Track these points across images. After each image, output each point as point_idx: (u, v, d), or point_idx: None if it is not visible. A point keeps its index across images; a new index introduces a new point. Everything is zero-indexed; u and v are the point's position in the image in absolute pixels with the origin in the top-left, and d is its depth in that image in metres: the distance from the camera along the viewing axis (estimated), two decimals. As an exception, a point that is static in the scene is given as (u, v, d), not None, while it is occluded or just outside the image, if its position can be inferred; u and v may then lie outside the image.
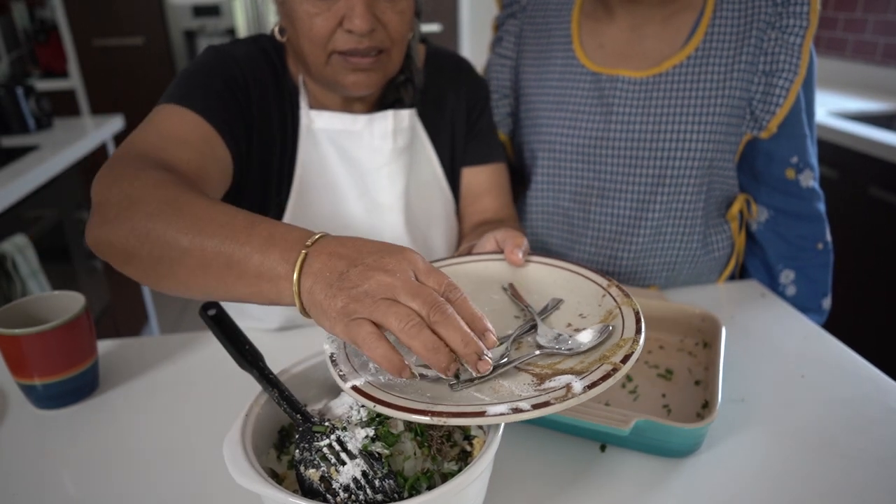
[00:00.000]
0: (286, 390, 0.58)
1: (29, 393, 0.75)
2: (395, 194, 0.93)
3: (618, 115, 0.97)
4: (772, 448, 0.67)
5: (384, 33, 0.80)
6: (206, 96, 0.79)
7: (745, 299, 1.00)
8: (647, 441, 0.64)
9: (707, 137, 0.95)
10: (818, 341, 0.88)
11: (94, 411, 0.76)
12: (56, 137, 2.12)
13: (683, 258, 1.02)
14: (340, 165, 0.91)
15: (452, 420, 0.47)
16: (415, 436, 0.55)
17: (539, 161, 1.05)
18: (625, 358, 0.51)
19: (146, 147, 0.71)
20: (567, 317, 0.64)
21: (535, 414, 0.47)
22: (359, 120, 0.89)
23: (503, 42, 1.11)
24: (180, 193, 0.61)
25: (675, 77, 0.95)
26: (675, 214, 0.99)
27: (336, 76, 0.82)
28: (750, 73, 0.93)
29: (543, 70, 1.05)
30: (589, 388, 0.48)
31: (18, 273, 1.58)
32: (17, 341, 0.71)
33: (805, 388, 0.77)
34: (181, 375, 0.83)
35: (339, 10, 0.77)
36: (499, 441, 0.52)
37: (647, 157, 0.97)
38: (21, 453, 0.69)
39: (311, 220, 0.90)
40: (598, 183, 1.01)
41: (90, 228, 0.64)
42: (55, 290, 0.79)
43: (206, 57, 0.85)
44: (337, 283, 0.50)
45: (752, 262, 1.10)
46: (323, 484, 0.51)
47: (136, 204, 0.60)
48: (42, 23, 3.33)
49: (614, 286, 0.64)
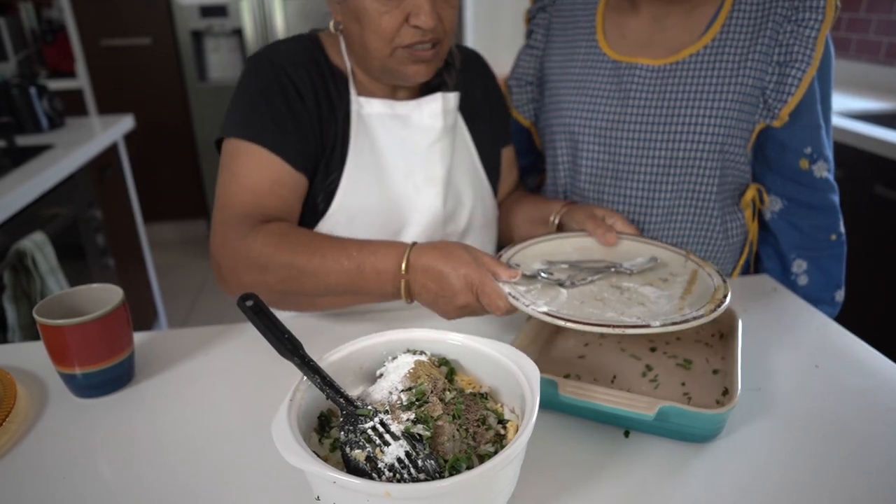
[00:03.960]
0: (328, 376, 0.61)
1: (69, 382, 0.78)
2: (444, 168, 0.99)
3: (634, 100, 1.02)
4: (789, 434, 0.70)
5: (441, 26, 0.87)
6: (273, 128, 0.89)
7: (757, 293, 1.03)
8: (671, 426, 0.67)
9: (719, 122, 0.98)
10: (831, 333, 0.90)
11: (131, 400, 0.79)
12: (69, 137, 2.14)
13: (699, 241, 1.06)
14: (390, 147, 0.97)
15: (629, 331, 0.67)
16: (453, 419, 0.58)
17: (559, 144, 1.11)
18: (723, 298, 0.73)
19: (244, 208, 0.87)
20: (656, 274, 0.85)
21: (698, 322, 0.68)
22: (407, 105, 0.97)
23: (533, 34, 1.18)
24: (294, 256, 0.81)
25: (690, 65, 0.99)
26: (686, 196, 1.03)
27: (398, 67, 0.89)
28: (764, 64, 0.97)
29: (567, 59, 1.11)
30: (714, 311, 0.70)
31: (38, 270, 1.60)
32: (60, 332, 0.73)
33: (819, 377, 0.80)
34: (213, 365, 0.86)
35: (406, 8, 0.84)
36: (533, 423, 0.55)
37: (659, 139, 1.01)
38: (62, 440, 0.72)
39: (362, 197, 0.95)
40: (612, 165, 1.05)
41: (225, 284, 0.88)
42: (94, 284, 0.82)
43: (259, 73, 0.92)
44: (433, 304, 0.80)
45: (765, 250, 1.13)
46: (368, 464, 0.53)
47: (265, 273, 0.83)
48: (49, 23, 3.35)
49: (693, 255, 0.86)
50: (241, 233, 0.84)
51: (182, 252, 3.75)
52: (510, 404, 0.64)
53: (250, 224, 0.85)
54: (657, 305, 0.76)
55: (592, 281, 0.82)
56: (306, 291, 0.84)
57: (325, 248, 0.82)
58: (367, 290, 0.82)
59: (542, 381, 0.68)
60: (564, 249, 0.92)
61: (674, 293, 0.79)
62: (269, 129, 0.89)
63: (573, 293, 0.79)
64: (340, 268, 0.80)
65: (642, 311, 0.74)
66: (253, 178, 0.88)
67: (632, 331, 0.66)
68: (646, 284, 0.82)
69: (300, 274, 0.82)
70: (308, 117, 0.92)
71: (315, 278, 0.81)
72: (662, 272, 0.86)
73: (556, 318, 0.69)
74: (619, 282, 0.83)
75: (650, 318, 0.71)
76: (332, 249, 0.81)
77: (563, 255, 0.90)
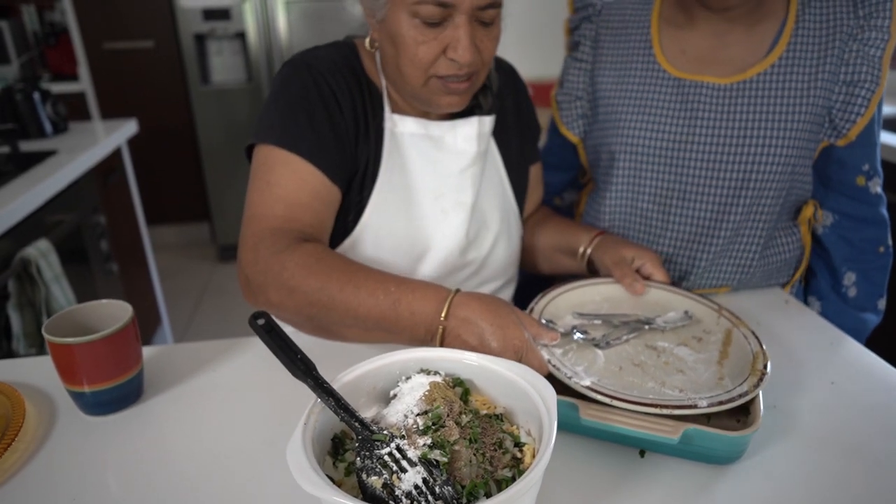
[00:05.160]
0: (342, 399, 0.60)
1: (78, 399, 0.77)
2: (473, 195, 0.97)
3: (702, 120, 1.00)
4: (809, 455, 0.69)
5: (479, 58, 0.84)
6: (312, 137, 0.86)
7: (769, 306, 1.02)
8: (694, 448, 0.66)
9: (791, 143, 0.97)
10: (845, 348, 0.90)
11: (140, 418, 0.78)
12: (72, 142, 2.13)
13: (758, 260, 1.05)
14: (422, 168, 0.94)
15: (676, 411, 0.66)
16: (469, 443, 0.57)
17: (618, 163, 1.07)
18: (764, 366, 0.74)
19: (278, 222, 0.84)
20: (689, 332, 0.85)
21: (736, 403, 0.68)
22: (441, 126, 0.94)
23: (580, 47, 1.14)
24: (328, 282, 0.78)
25: (759, 84, 0.97)
26: (754, 217, 1.02)
27: (431, 97, 0.87)
28: (831, 83, 0.96)
29: (623, 74, 1.07)
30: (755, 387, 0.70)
31: (42, 278, 1.59)
32: (69, 350, 0.73)
33: (836, 394, 0.79)
34: (223, 381, 0.85)
35: (445, 40, 0.81)
36: (552, 449, 0.54)
37: (730, 161, 0.99)
38: (71, 459, 0.71)
39: (389, 217, 0.93)
40: (678, 185, 1.03)
41: (252, 299, 0.84)
42: (103, 300, 0.81)
43: (298, 79, 0.88)
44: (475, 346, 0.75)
45: (816, 263, 1.13)
46: (385, 490, 0.53)
47: (294, 294, 0.80)
48: (52, 26, 3.34)
49: (725, 310, 0.87)
50: (275, 249, 0.81)
51: (185, 255, 3.74)
52: (526, 426, 0.64)
53: (285, 241, 0.82)
54: (696, 373, 0.76)
55: (627, 340, 0.82)
56: (334, 320, 0.81)
57: (362, 278, 0.79)
58: (398, 329, 0.79)
59: (561, 404, 0.67)
60: (594, 299, 0.92)
61: (710, 357, 0.79)
62: (307, 137, 0.86)
63: (609, 356, 0.79)
64: (375, 301, 0.77)
65: (683, 381, 0.74)
66: (289, 189, 0.85)
67: (678, 411, 0.66)
68: (680, 344, 0.82)
69: (330, 301, 0.79)
70: (346, 128, 0.89)
71: (345, 308, 0.79)
72: (696, 329, 0.85)
73: (600, 394, 0.68)
74: (653, 340, 0.82)
75: (690, 388, 0.72)
76: (369, 281, 0.79)
77: (594, 306, 0.91)
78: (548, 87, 3.24)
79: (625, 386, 0.72)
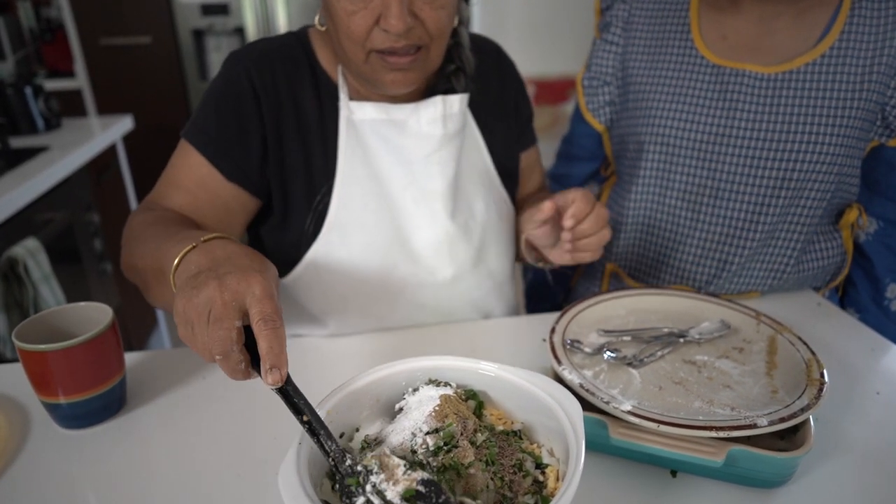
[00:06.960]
0: (323, 435, 0.51)
1: (53, 412, 0.70)
2: (445, 181, 0.89)
3: (742, 112, 0.92)
4: (860, 475, 0.62)
5: (422, 30, 0.77)
6: (217, 137, 0.83)
7: (801, 308, 0.95)
8: (735, 471, 0.59)
9: (839, 142, 0.89)
10: (887, 354, 0.83)
11: (122, 431, 0.71)
12: (65, 138, 2.07)
13: (794, 266, 0.97)
14: (385, 155, 0.87)
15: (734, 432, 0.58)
16: (486, 466, 0.51)
17: (647, 154, 1.00)
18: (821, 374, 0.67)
19: (152, 197, 0.86)
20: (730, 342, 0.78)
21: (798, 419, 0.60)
22: (403, 108, 0.86)
23: (611, 28, 1.06)
24: (143, 229, 0.76)
25: (807, 75, 0.89)
26: (791, 220, 0.94)
27: (375, 74, 0.80)
28: (887, 77, 0.88)
29: (656, 59, 1.00)
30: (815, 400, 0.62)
31: (30, 278, 1.53)
32: (42, 358, 0.66)
33: (882, 405, 0.72)
34: (212, 391, 0.78)
35: (376, 9, 0.74)
36: (580, 474, 0.47)
37: (770, 157, 0.91)
38: (45, 476, 0.65)
39: (356, 212, 0.86)
40: (711, 181, 0.95)
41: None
42: (81, 302, 0.74)
43: (226, 73, 0.85)
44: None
45: (856, 272, 1.04)
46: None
47: (124, 250, 0.79)
48: (48, 22, 3.28)
49: (763, 315, 0.80)
50: (133, 214, 0.83)
51: (183, 255, 3.68)
52: (547, 444, 0.57)
53: (147, 207, 0.84)
54: (744, 387, 0.68)
55: (662, 356, 0.74)
56: (139, 280, 0.77)
57: (162, 236, 0.70)
58: (161, 277, 0.66)
59: (589, 422, 0.61)
60: (618, 313, 0.84)
61: (757, 368, 0.71)
62: (208, 132, 0.83)
63: (646, 374, 0.71)
64: (156, 245, 0.69)
65: (732, 397, 0.66)
66: (178, 175, 0.85)
67: (737, 432, 0.58)
68: (721, 357, 0.74)
69: (132, 259, 0.76)
70: (260, 125, 0.83)
71: (142, 260, 0.72)
72: (735, 339, 0.78)
73: (645, 420, 0.60)
74: (690, 355, 0.75)
75: (743, 405, 0.64)
76: (169, 231, 0.72)
77: (619, 321, 0.82)
78: (551, 83, 3.22)
79: (669, 407, 0.64)
